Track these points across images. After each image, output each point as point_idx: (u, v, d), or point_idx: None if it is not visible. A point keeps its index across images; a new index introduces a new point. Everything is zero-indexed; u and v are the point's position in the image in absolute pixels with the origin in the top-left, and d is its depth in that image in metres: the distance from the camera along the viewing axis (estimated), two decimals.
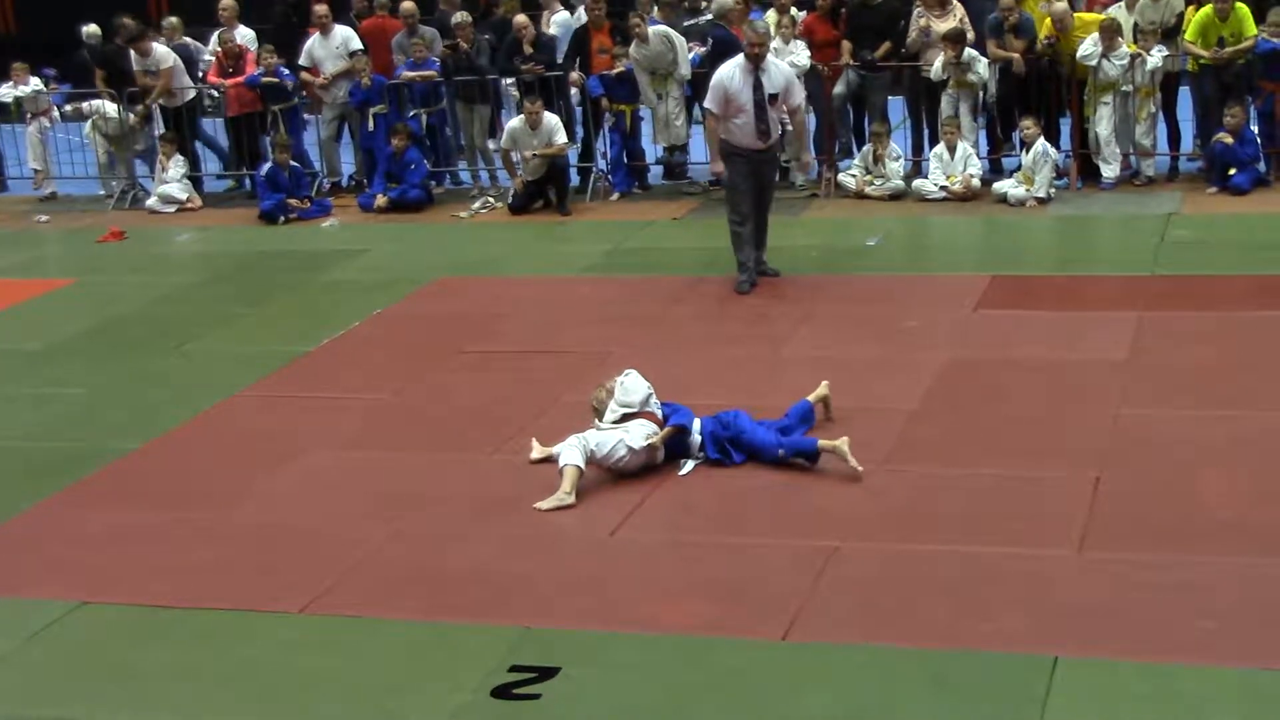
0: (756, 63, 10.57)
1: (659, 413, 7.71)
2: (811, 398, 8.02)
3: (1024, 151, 13.24)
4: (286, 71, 15.54)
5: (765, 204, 11.14)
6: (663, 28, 14.40)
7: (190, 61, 16.28)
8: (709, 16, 14.44)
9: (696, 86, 14.40)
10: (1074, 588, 6.10)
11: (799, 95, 11.06)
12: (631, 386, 7.70)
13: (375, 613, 6.29)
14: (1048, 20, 13.67)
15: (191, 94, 16.21)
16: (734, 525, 6.98)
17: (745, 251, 10.94)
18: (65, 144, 17.41)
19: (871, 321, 9.98)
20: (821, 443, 7.50)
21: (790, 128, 11.54)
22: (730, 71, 10.69)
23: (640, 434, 7.54)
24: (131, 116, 15.81)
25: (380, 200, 14.57)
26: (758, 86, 10.53)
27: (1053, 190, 13.21)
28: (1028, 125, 13.15)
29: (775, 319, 10.06)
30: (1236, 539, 6.41)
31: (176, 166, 15.51)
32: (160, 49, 15.91)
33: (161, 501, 7.67)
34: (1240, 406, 7.99)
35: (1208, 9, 13.17)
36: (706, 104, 10.96)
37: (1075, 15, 13.85)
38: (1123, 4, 13.84)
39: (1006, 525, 6.71)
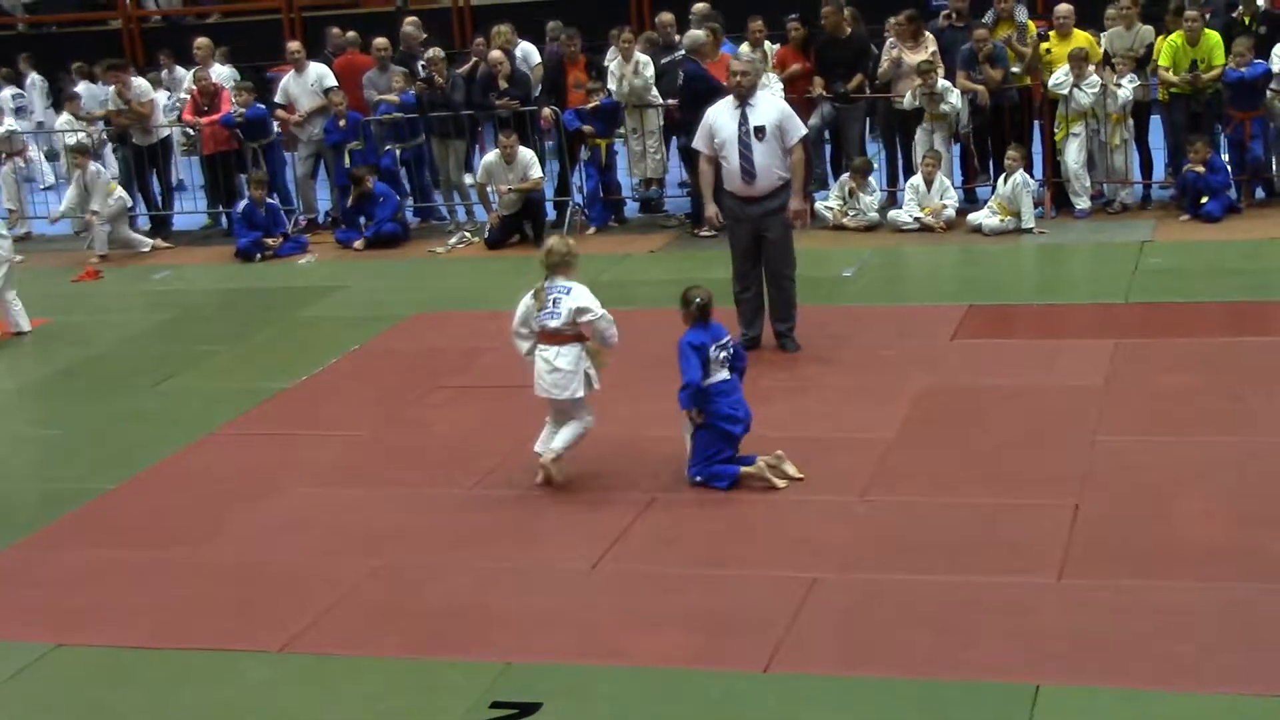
0: (742, 97, 9.76)
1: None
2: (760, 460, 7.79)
3: (1003, 181, 13.29)
4: (263, 107, 15.57)
5: (774, 270, 9.92)
6: (644, 56, 14.44)
7: None
8: (683, 52, 14.48)
9: (670, 119, 14.46)
10: (1054, 615, 6.11)
11: (797, 132, 9.80)
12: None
13: (355, 651, 6.27)
14: (1043, 45, 13.78)
15: (165, 132, 16.20)
16: (715, 557, 6.97)
17: (746, 322, 9.95)
18: (40, 184, 17.39)
19: (849, 351, 9.99)
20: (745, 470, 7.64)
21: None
22: (718, 108, 9.95)
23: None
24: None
25: (357, 244, 14.55)
26: (743, 121, 9.68)
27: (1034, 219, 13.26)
28: (1012, 155, 13.19)
29: (753, 351, 10.05)
30: (1215, 564, 6.43)
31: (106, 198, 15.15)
32: (140, 82, 15.96)
33: (138, 541, 7.63)
34: (1216, 432, 8.02)
35: (1177, 35, 13.28)
36: (694, 143, 10.25)
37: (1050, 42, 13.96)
38: (1105, 34, 13.96)
39: (986, 554, 6.72)
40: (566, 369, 7.81)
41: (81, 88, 17.80)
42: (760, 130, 9.69)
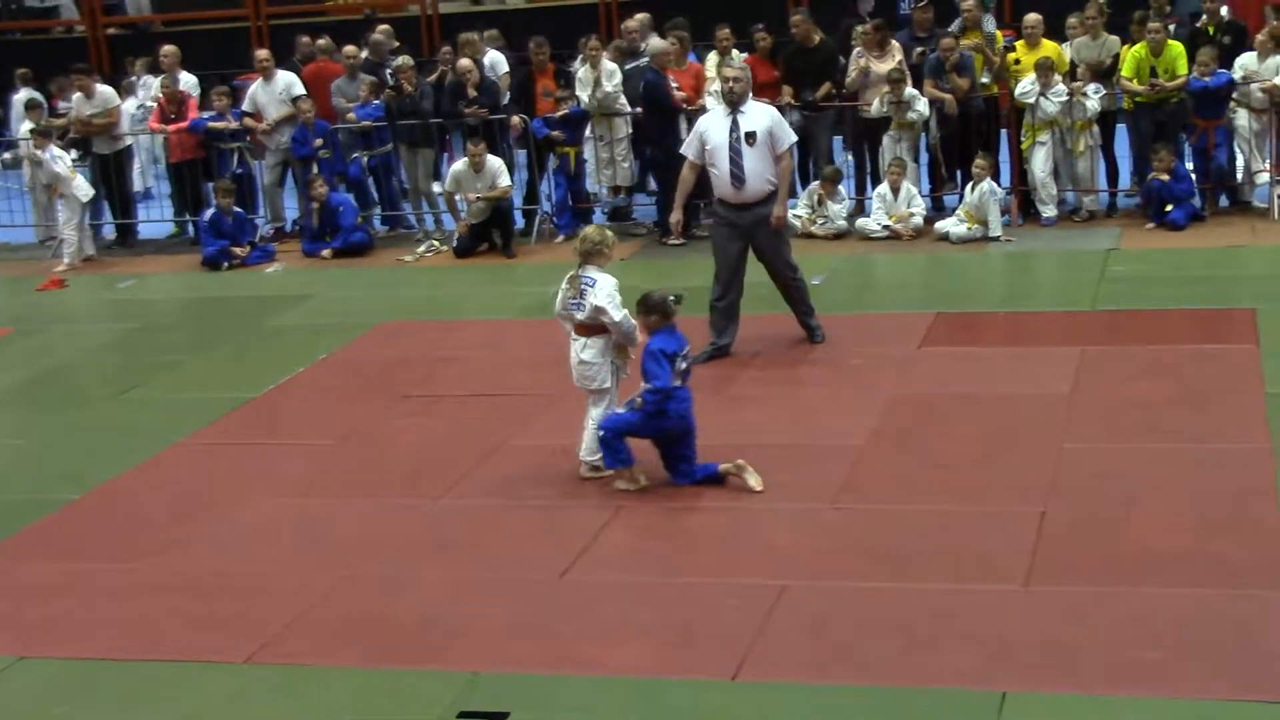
0: (734, 103, 9.85)
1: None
2: (723, 468, 7.85)
3: (970, 189, 13.34)
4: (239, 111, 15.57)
5: (779, 272, 10.12)
6: (611, 65, 14.47)
7: None
8: (646, 59, 14.51)
9: (637, 127, 14.46)
10: (1021, 622, 6.13)
11: (787, 139, 9.93)
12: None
13: (322, 661, 6.24)
14: (1010, 55, 13.83)
15: (128, 140, 16.11)
16: (683, 565, 6.97)
17: (718, 331, 10.03)
18: (4, 192, 17.28)
19: (818, 359, 10.02)
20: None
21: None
22: (709, 116, 10.20)
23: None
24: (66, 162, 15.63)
25: (325, 252, 14.51)
26: (734, 127, 9.75)
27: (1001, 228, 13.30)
28: (979, 164, 13.25)
29: (722, 358, 10.07)
30: (1181, 570, 6.46)
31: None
32: (105, 89, 15.88)
33: (103, 552, 7.58)
34: (1181, 439, 8.07)
35: (1141, 45, 13.37)
36: (683, 149, 10.30)
37: (1015, 54, 14.02)
38: (1069, 43, 14.04)
39: (954, 561, 6.74)
40: (591, 361, 7.94)
41: (23, 95, 17.62)
42: (751, 136, 9.75)
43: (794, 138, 10.20)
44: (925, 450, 8.20)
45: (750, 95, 10.19)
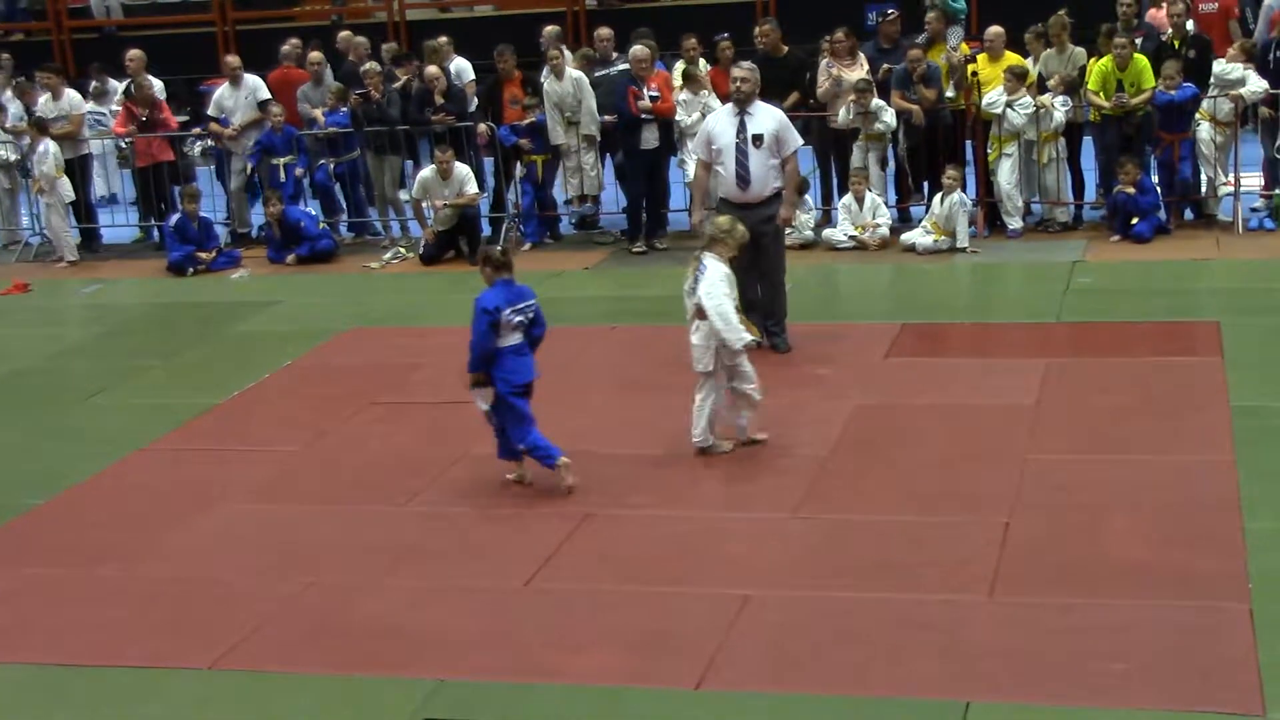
0: (741, 104, 10.07)
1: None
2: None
3: (939, 201, 13.37)
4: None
5: (768, 274, 10.23)
6: (577, 73, 14.48)
7: None
8: (620, 67, 14.51)
9: (607, 137, 14.45)
10: (985, 633, 6.15)
11: (793, 143, 10.21)
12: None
13: (286, 667, 6.23)
14: (970, 67, 13.87)
15: (92, 145, 16.02)
16: (647, 574, 6.97)
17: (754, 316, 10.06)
18: None
19: (783, 369, 10.03)
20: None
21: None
22: (717, 115, 10.41)
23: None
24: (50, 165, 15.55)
25: (290, 259, 14.48)
26: (741, 129, 9.97)
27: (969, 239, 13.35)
28: (951, 175, 13.28)
29: (684, 368, 10.00)
30: (1145, 581, 6.49)
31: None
32: (72, 94, 15.80)
33: (68, 558, 7.54)
34: (1145, 451, 8.11)
35: (1107, 59, 13.45)
36: (693, 148, 10.54)
37: (977, 64, 14.07)
38: (1031, 56, 14.10)
39: (918, 571, 6.76)
40: (697, 344, 8.21)
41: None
42: (758, 138, 9.96)
43: (800, 141, 10.43)
44: (889, 460, 8.23)
45: (758, 96, 10.25)
